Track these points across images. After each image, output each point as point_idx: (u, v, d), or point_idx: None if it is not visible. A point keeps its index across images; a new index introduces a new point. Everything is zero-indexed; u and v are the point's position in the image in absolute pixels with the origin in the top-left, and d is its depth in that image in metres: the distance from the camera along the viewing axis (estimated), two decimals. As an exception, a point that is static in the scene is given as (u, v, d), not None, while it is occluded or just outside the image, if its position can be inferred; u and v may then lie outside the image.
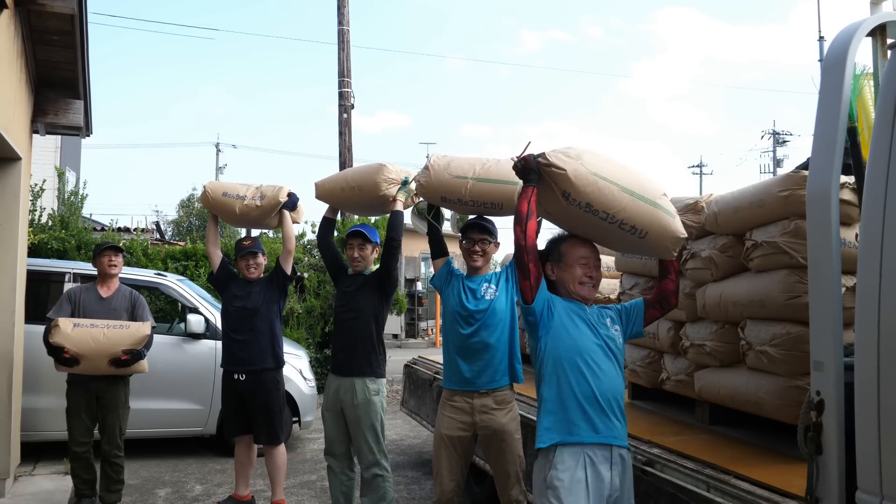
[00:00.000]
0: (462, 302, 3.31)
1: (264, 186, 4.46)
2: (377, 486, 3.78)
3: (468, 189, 3.24)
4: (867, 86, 2.46)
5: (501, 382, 3.27)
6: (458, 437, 3.25)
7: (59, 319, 4.12)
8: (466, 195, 3.26)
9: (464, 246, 3.40)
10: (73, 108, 5.49)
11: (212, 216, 4.70)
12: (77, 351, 4.10)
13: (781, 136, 36.27)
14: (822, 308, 2.14)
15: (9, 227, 4.65)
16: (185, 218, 31.32)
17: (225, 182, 4.81)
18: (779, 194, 2.85)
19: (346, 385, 3.83)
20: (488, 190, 3.22)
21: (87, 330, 4.14)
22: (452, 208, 3.51)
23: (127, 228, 13.28)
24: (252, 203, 4.38)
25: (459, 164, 3.32)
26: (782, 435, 2.82)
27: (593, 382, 2.43)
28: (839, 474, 2.05)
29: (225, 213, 4.56)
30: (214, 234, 4.68)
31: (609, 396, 2.43)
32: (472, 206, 3.35)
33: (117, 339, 4.20)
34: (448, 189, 3.31)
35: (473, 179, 3.24)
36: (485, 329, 3.24)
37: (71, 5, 4.06)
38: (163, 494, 5.05)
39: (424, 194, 3.49)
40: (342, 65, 11.36)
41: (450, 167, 3.33)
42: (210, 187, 4.57)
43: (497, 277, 3.37)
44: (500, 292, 3.31)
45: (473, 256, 3.36)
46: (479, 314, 3.26)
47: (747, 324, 3.01)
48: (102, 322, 4.23)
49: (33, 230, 8.32)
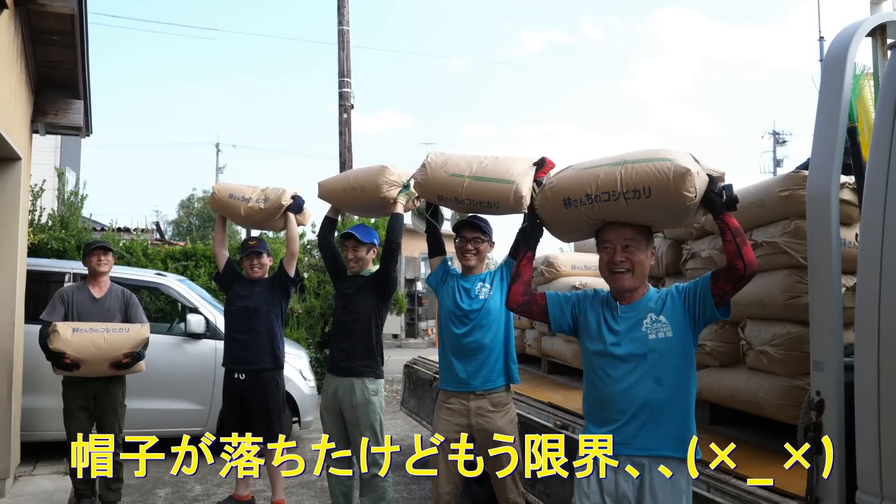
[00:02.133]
0: (456, 301, 3.32)
1: (269, 189, 4.47)
2: (377, 486, 3.78)
3: (464, 188, 3.21)
4: (867, 86, 2.46)
5: (497, 383, 3.27)
6: (455, 439, 3.24)
7: (58, 325, 4.11)
8: (462, 193, 3.23)
9: (457, 244, 3.41)
10: (73, 108, 5.49)
11: (220, 217, 4.72)
12: (78, 357, 4.10)
13: (781, 136, 36.29)
14: (822, 308, 2.14)
15: (9, 227, 4.65)
16: (185, 218, 31.37)
17: (232, 184, 4.82)
18: (779, 194, 2.85)
19: (345, 385, 3.82)
20: (484, 188, 3.18)
21: (87, 335, 4.13)
22: (449, 206, 3.50)
23: (127, 228, 13.27)
24: (256, 206, 4.40)
25: (456, 162, 3.29)
26: (782, 435, 2.82)
27: (602, 390, 2.31)
28: (839, 474, 2.05)
29: (231, 215, 4.59)
30: (222, 235, 4.71)
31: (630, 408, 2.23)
32: (468, 205, 3.33)
33: (118, 343, 4.22)
34: (445, 187, 3.29)
35: (469, 178, 3.22)
36: (479, 329, 3.25)
37: (71, 5, 4.06)
38: (163, 494, 5.05)
39: (422, 192, 3.48)
40: (342, 65, 11.36)
41: (447, 165, 3.30)
42: (218, 188, 4.61)
43: (492, 277, 3.37)
44: (494, 291, 3.30)
45: (467, 255, 3.37)
46: (474, 314, 3.26)
47: (747, 324, 3.01)
48: (101, 326, 4.22)
49: (33, 230, 8.32)
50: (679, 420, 2.21)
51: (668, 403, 2.21)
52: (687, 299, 2.23)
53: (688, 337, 2.24)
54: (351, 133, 11.32)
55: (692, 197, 2.10)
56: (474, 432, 3.24)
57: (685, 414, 2.22)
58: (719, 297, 2.16)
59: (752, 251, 2.10)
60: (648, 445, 2.20)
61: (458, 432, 3.24)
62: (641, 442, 2.21)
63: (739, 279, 2.10)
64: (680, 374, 2.22)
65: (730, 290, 2.14)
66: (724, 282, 2.13)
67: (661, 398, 2.20)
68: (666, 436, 2.20)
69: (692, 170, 2.10)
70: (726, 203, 2.13)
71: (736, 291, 2.15)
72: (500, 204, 3.18)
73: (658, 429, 2.20)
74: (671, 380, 2.21)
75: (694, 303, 2.21)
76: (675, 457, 2.20)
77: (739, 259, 2.08)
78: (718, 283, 2.15)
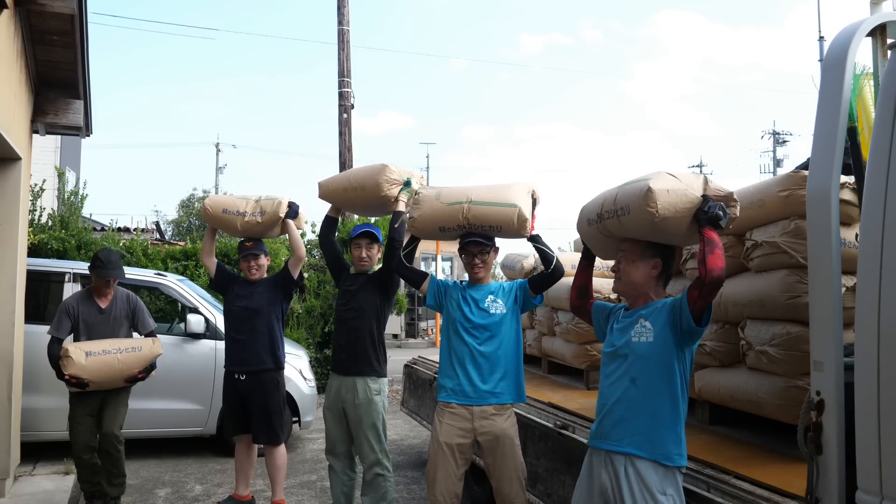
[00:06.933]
0: (464, 312, 3.30)
1: (263, 200, 4.45)
2: (378, 485, 3.78)
3: (464, 214, 3.30)
4: (867, 86, 2.46)
5: (503, 400, 3.25)
6: (458, 444, 3.22)
7: (70, 348, 4.08)
8: (463, 219, 3.30)
9: (464, 261, 3.42)
10: (73, 108, 5.49)
11: (210, 229, 4.71)
12: (93, 380, 4.14)
13: (781, 136, 36.33)
14: (822, 308, 2.14)
15: (9, 227, 4.65)
16: (185, 218, 31.33)
17: (224, 198, 4.80)
18: (779, 194, 2.85)
19: (348, 384, 3.83)
20: (486, 212, 3.27)
21: (101, 358, 4.13)
22: (451, 236, 3.49)
23: (127, 228, 13.27)
24: (253, 219, 4.40)
25: (449, 193, 3.40)
26: (782, 435, 2.82)
27: (600, 385, 2.57)
28: (839, 474, 2.05)
29: (227, 228, 4.59)
30: (210, 246, 4.70)
31: (608, 402, 2.47)
32: (469, 231, 3.36)
33: (132, 363, 4.28)
34: (444, 217, 3.36)
35: (469, 203, 3.30)
36: (490, 340, 3.24)
37: (71, 5, 4.06)
38: (163, 494, 5.05)
39: (420, 228, 3.48)
40: (342, 65, 11.37)
41: (440, 196, 3.41)
42: (210, 204, 4.58)
43: (505, 294, 3.34)
44: (507, 310, 3.30)
45: (475, 269, 3.38)
46: (482, 328, 3.26)
47: (747, 324, 3.01)
48: (113, 346, 4.22)
49: (33, 230, 8.32)
50: (649, 422, 2.36)
51: (640, 404, 2.38)
52: (671, 309, 2.39)
53: (669, 345, 2.37)
54: (351, 133, 11.33)
55: (654, 212, 2.28)
56: (478, 435, 3.22)
57: (656, 418, 2.36)
58: (692, 304, 2.30)
59: (717, 260, 2.26)
60: (621, 442, 2.39)
61: (461, 436, 3.22)
62: (616, 436, 2.40)
63: (702, 285, 2.27)
64: (655, 379, 2.37)
65: (698, 296, 2.29)
66: (693, 288, 2.31)
67: (633, 397, 2.39)
68: (635, 435, 2.36)
69: (655, 189, 2.28)
70: (709, 219, 2.31)
71: (704, 299, 2.29)
72: (503, 227, 3.26)
73: (629, 427, 2.38)
74: (645, 382, 2.38)
75: (675, 312, 2.37)
76: (645, 457, 2.33)
77: (703, 265, 2.27)
78: (691, 290, 2.32)
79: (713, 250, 2.27)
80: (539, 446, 3.63)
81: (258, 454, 4.73)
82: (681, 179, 2.36)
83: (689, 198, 2.33)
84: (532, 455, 3.63)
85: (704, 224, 2.32)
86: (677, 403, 2.37)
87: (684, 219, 2.34)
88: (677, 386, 2.37)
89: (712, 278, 2.24)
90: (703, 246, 2.29)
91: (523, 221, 3.23)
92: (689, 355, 2.43)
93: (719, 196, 2.37)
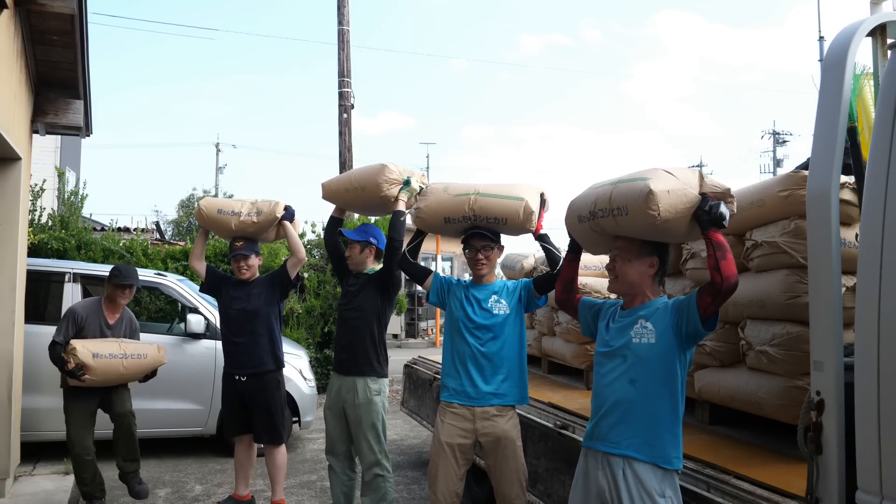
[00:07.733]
0: (467, 312, 3.28)
1: (260, 202, 4.46)
2: (378, 485, 3.78)
3: (470, 204, 3.29)
4: (867, 86, 2.46)
5: (506, 401, 3.23)
6: (459, 444, 3.21)
7: (77, 346, 4.14)
8: (469, 210, 3.29)
9: (467, 255, 3.39)
10: (73, 108, 5.49)
11: (202, 233, 4.71)
12: (95, 379, 4.20)
13: (781, 136, 36.33)
14: (822, 308, 2.14)
15: (9, 227, 4.65)
16: (185, 218, 31.33)
17: (219, 199, 4.84)
18: (779, 194, 2.85)
19: (348, 384, 3.83)
20: (492, 204, 3.27)
21: (107, 361, 4.24)
22: (455, 229, 3.47)
23: (127, 228, 13.27)
24: (248, 219, 4.41)
25: (456, 186, 3.42)
26: (782, 435, 2.82)
27: (595, 385, 2.53)
28: (839, 474, 2.04)
29: (220, 230, 4.58)
30: (201, 250, 4.67)
31: (605, 404, 2.43)
32: (474, 222, 3.35)
33: (136, 370, 4.41)
34: (451, 208, 3.35)
35: (476, 195, 3.30)
36: (493, 342, 3.22)
37: (71, 5, 4.05)
38: (163, 494, 5.05)
39: (426, 219, 3.45)
40: (342, 65, 11.36)
41: (448, 188, 3.42)
42: (204, 205, 4.57)
43: (509, 294, 3.31)
44: (510, 311, 3.27)
45: (478, 266, 3.35)
46: (485, 328, 3.23)
47: (747, 324, 3.01)
48: (120, 351, 4.30)
49: (33, 230, 8.32)
50: (648, 424, 2.32)
51: (639, 405, 2.34)
52: (676, 311, 2.33)
53: (672, 347, 2.33)
54: (351, 133, 11.33)
55: (655, 215, 2.24)
56: (479, 436, 3.21)
57: (655, 420, 2.33)
58: (703, 309, 2.26)
59: (732, 267, 2.21)
60: (619, 444, 2.34)
61: (462, 437, 3.21)
62: (614, 438, 2.36)
63: (717, 292, 2.21)
64: (655, 381, 2.33)
65: (711, 303, 2.24)
66: (706, 294, 2.25)
67: (632, 398, 2.35)
68: (634, 437, 2.33)
69: (656, 191, 2.23)
70: (712, 220, 2.25)
71: (717, 305, 2.25)
72: (507, 220, 3.24)
73: (627, 428, 2.34)
74: (645, 384, 2.34)
75: (681, 314, 2.31)
76: (644, 460, 2.30)
77: (717, 273, 2.20)
78: (702, 294, 2.26)
79: (725, 255, 2.20)
80: (539, 446, 3.63)
81: (258, 454, 4.73)
82: (678, 177, 2.31)
83: (689, 197, 2.28)
84: (532, 455, 3.63)
85: (708, 226, 2.26)
86: (677, 405, 2.34)
87: (685, 218, 2.30)
88: (677, 388, 2.34)
89: (729, 286, 2.19)
90: (712, 251, 2.22)
91: (529, 214, 3.21)
92: (690, 357, 2.41)
93: (716, 193, 2.31)
